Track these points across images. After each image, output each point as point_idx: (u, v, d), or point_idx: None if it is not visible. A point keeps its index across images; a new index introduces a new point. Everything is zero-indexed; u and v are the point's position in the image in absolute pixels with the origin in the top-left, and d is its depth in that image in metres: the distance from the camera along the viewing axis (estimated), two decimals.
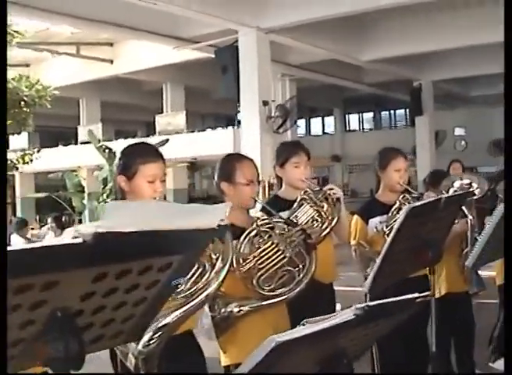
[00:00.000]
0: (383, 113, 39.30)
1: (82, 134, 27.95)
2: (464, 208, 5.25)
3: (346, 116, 39.29)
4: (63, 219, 17.38)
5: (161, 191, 3.54)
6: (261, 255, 3.78)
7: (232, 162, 4.12)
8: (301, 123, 40.09)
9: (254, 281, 3.74)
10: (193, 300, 2.94)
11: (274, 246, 3.78)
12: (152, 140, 20.82)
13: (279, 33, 16.20)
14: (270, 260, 3.78)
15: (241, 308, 3.70)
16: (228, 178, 4.06)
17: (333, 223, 4.50)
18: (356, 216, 5.25)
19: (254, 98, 15.82)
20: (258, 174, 4.16)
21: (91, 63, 24.16)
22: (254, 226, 3.82)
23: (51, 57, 24.86)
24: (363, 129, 39.47)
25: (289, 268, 3.80)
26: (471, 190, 5.58)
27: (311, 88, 27.19)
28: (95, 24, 16.41)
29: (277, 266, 3.78)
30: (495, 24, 17.32)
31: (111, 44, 23.44)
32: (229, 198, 4.04)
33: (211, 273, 3.05)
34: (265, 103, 15.79)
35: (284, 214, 4.60)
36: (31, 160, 20.83)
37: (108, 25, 16.42)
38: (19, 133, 22.75)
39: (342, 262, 5.80)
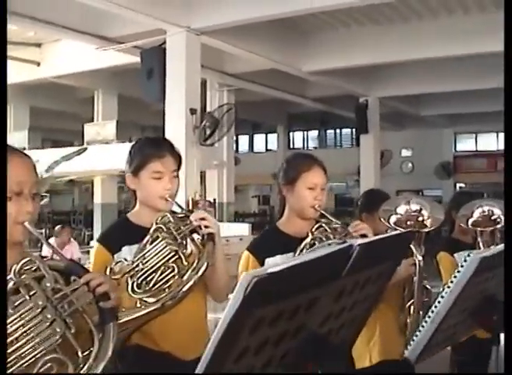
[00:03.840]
0: (328, 132, 38.21)
1: (8, 141, 26.16)
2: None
3: (291, 133, 38.14)
4: None
5: None
6: (14, 327, 2.07)
7: None
8: (244, 139, 39.28)
9: None
10: None
11: (37, 313, 2.08)
12: (71, 149, 19.29)
13: (212, 35, 14.74)
14: (27, 339, 2.07)
15: None
16: None
17: (200, 273, 2.92)
18: (247, 254, 3.54)
19: (180, 106, 14.29)
20: (37, 183, 2.37)
21: (17, 65, 22.46)
22: (12, 274, 2.15)
23: None
24: (307, 147, 38.26)
25: (57, 356, 2.07)
26: (420, 219, 4.09)
27: (253, 103, 25.97)
28: (17, 19, 14.75)
29: (39, 352, 2.06)
30: (449, 37, 16.29)
31: (38, 45, 21.81)
32: None
33: None
34: (193, 111, 14.25)
35: (131, 250, 3.05)
36: None
37: (28, 19, 14.83)
38: None
39: None
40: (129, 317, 2.77)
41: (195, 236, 3.07)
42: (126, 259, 2.98)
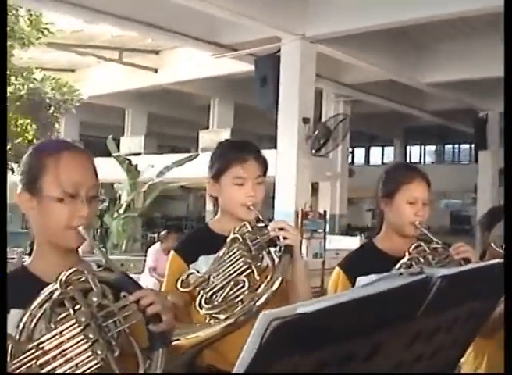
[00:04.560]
0: (447, 147, 37.36)
1: (124, 146, 26.65)
2: None
3: (408, 147, 37.45)
4: None
5: None
6: (52, 344, 1.79)
7: (40, 155, 2.03)
8: (360, 151, 38.93)
9: None
10: None
11: (79, 331, 1.79)
12: (183, 156, 19.29)
13: (328, 44, 14.42)
14: (65, 360, 1.78)
15: None
16: (31, 186, 2.02)
17: (274, 288, 2.57)
18: (338, 271, 3.19)
19: (293, 115, 14.00)
20: (97, 185, 2.06)
21: (135, 71, 22.76)
22: (58, 284, 1.85)
23: (96, 63, 23.69)
24: (424, 162, 37.43)
25: None
26: None
27: (370, 115, 25.63)
28: (135, 25, 14.82)
29: None
30: None
31: (156, 52, 22.03)
32: (35, 223, 2.05)
33: None
34: (306, 121, 13.94)
35: (208, 260, 2.77)
36: None
37: (145, 26, 14.84)
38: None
39: None
40: (197, 333, 2.50)
41: (273, 248, 2.78)
42: (198, 271, 2.73)
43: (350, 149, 28.62)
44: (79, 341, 1.80)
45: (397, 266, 2.92)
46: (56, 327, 1.82)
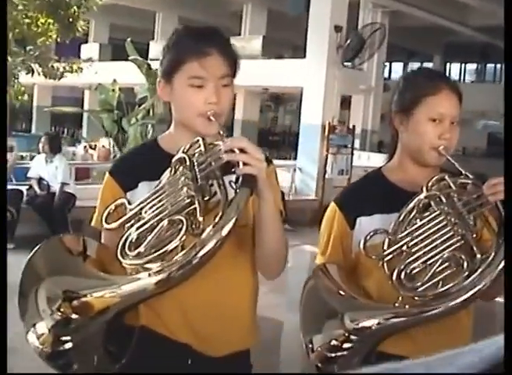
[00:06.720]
0: (488, 66, 36.25)
1: (154, 51, 25.95)
2: None
3: (447, 64, 36.27)
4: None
5: None
6: None
7: None
8: (398, 66, 37.98)
9: None
10: None
11: None
12: None
13: None
14: None
15: None
16: None
17: (224, 232, 1.77)
18: (333, 207, 2.41)
19: (324, 21, 13.20)
20: None
21: None
22: None
23: None
24: (464, 80, 36.35)
25: None
26: None
27: (409, 28, 24.55)
28: None
29: None
30: None
31: None
32: None
33: None
34: (338, 29, 13.13)
35: (151, 187, 2.01)
36: (81, 70, 18.19)
37: None
38: (86, 41, 21.47)
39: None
40: (109, 290, 1.79)
41: (231, 178, 1.96)
42: (129, 202, 1.97)
43: (387, 63, 27.63)
44: None
45: (411, 204, 2.14)
46: None
